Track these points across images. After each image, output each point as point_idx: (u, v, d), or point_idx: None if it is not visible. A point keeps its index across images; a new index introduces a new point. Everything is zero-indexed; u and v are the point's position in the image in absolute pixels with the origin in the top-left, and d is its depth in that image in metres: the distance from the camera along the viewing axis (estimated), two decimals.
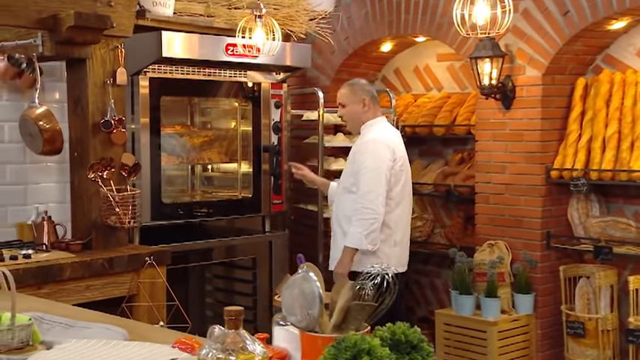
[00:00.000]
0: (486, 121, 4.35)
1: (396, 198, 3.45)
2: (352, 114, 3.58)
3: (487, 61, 4.06)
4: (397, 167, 3.44)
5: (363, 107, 3.52)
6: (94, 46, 3.47)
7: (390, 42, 5.15)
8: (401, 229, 3.48)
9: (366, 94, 3.53)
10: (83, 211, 3.58)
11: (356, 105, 3.55)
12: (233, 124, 4.55)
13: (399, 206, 3.47)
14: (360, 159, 3.42)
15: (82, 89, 3.52)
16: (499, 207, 4.29)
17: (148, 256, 3.46)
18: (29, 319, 1.80)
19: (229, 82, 4.30)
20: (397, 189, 3.45)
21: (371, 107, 3.54)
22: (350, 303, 1.36)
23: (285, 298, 1.43)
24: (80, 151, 3.57)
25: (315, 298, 1.39)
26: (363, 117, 3.56)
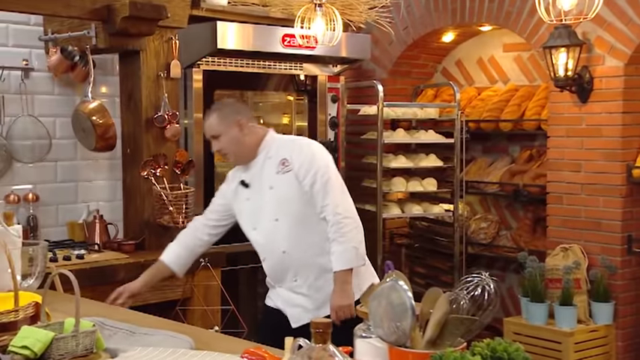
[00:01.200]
0: (560, 116, 4.21)
1: None
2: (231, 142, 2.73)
3: (563, 51, 3.92)
4: None
5: (241, 130, 2.70)
6: (148, 37, 3.48)
7: (453, 32, 5.04)
8: None
9: (238, 114, 2.72)
10: (135, 210, 3.59)
11: (231, 129, 2.70)
12: (287, 119, 4.52)
13: None
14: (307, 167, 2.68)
15: (135, 83, 3.53)
16: (574, 208, 4.14)
17: (202, 258, 3.42)
18: (93, 325, 1.78)
19: (284, 75, 4.26)
20: None
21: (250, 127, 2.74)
22: (447, 316, 1.29)
23: (372, 308, 1.36)
24: (133, 148, 3.57)
25: (406, 309, 1.32)
26: (245, 140, 2.73)
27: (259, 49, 3.93)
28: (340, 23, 3.57)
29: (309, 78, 4.34)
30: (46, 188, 3.67)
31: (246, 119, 2.73)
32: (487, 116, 4.79)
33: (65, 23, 3.48)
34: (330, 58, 4.33)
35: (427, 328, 1.32)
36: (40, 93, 3.66)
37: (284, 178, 2.69)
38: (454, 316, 1.29)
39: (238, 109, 2.78)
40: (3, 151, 3.50)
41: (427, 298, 1.39)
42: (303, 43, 3.81)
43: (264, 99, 4.55)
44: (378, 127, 4.45)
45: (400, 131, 4.65)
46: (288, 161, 2.68)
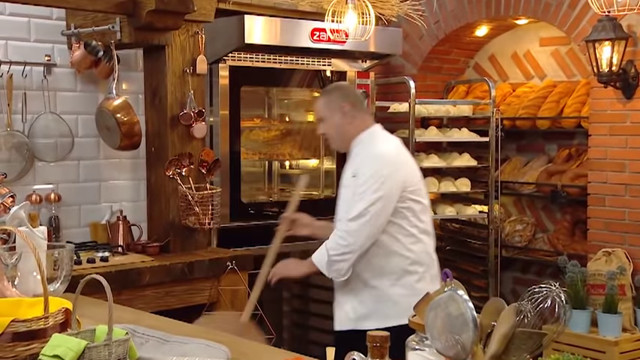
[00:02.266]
0: (602, 113, 4.12)
1: (420, 223, 2.71)
2: (332, 127, 2.76)
3: (607, 45, 3.84)
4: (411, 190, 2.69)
5: (344, 117, 2.71)
6: (174, 32, 3.44)
7: (487, 25, 4.96)
8: (431, 258, 2.77)
9: (344, 100, 2.72)
10: (160, 211, 3.56)
11: (335, 113, 2.73)
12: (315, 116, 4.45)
13: (423, 234, 2.72)
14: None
15: (161, 79, 3.50)
16: (617, 210, 4.06)
17: (229, 261, 3.42)
18: (126, 333, 1.74)
19: (312, 70, 4.21)
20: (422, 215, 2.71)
21: (359, 118, 2.73)
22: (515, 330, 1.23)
23: (429, 320, 1.30)
24: (158, 146, 3.54)
25: (466, 322, 1.26)
26: (346, 129, 2.74)
27: (287, 43, 3.89)
28: (373, 16, 3.52)
29: (337, 74, 4.28)
30: (69, 188, 3.66)
31: (351, 106, 2.70)
32: (523, 113, 4.71)
33: (89, 17, 3.46)
34: (360, 53, 4.28)
35: (491, 342, 1.26)
36: (63, 90, 3.65)
37: (352, 182, 2.68)
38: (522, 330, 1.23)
39: (346, 94, 2.75)
40: (25, 150, 3.48)
41: (487, 309, 1.34)
42: (334, 37, 3.75)
43: (291, 95, 4.50)
44: (409, 125, 4.39)
45: (432, 129, 4.58)
46: (358, 171, 2.66)
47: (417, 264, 2.70)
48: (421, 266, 2.72)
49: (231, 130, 3.88)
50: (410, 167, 2.75)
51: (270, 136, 4.39)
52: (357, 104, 2.75)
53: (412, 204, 2.68)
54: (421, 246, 2.72)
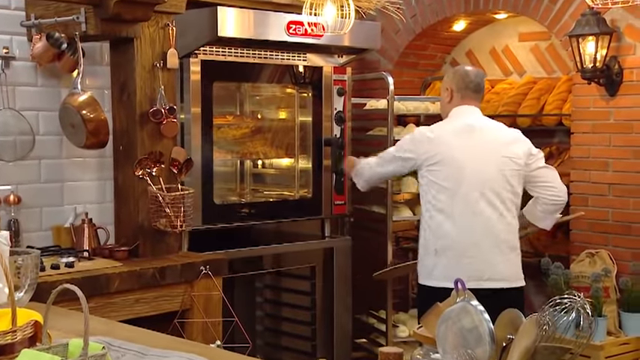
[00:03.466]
0: (585, 110, 4.12)
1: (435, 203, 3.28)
2: (441, 102, 3.54)
3: (591, 40, 3.83)
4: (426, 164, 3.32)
5: (447, 97, 3.45)
6: (143, 24, 3.36)
7: (464, 20, 4.94)
8: (447, 236, 3.25)
9: (452, 83, 3.43)
10: (128, 213, 3.47)
11: (443, 93, 3.50)
12: (290, 113, 4.40)
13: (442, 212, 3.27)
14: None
15: (129, 74, 3.41)
16: (601, 210, 4.06)
17: (202, 265, 3.34)
18: (102, 347, 1.65)
19: (287, 65, 4.14)
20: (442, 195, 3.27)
21: (456, 99, 3.42)
22: (537, 344, 1.17)
23: (440, 333, 1.24)
24: (126, 145, 3.45)
25: (482, 336, 1.20)
26: (445, 109, 3.48)
27: (262, 37, 3.81)
28: (353, 9, 3.45)
29: (312, 69, 4.22)
30: (29, 189, 3.54)
31: (456, 90, 3.41)
32: (503, 111, 4.70)
33: (51, 7, 3.34)
34: (337, 47, 4.22)
35: (510, 356, 1.21)
36: (23, 84, 3.52)
37: None
38: (545, 344, 1.17)
39: (456, 79, 3.43)
40: None
41: (501, 320, 1.28)
42: (311, 31, 3.69)
43: (264, 91, 4.42)
44: (387, 123, 4.34)
45: (412, 127, 4.53)
46: None
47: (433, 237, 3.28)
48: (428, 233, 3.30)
49: (203, 128, 3.79)
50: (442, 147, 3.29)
51: (243, 134, 4.32)
52: (461, 89, 3.41)
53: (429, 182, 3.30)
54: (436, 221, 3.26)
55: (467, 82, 3.41)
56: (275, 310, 4.59)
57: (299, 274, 4.39)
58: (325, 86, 4.26)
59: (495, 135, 3.36)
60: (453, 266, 3.19)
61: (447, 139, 3.29)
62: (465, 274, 3.11)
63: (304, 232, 4.46)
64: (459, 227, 3.21)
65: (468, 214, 3.23)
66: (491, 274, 3.24)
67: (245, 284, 4.51)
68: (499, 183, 3.27)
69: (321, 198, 4.29)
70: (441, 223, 3.24)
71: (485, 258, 3.23)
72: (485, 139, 3.33)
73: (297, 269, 4.36)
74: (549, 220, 3.50)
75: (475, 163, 3.24)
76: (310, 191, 4.31)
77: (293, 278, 4.45)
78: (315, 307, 4.36)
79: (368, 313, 4.68)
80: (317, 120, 4.28)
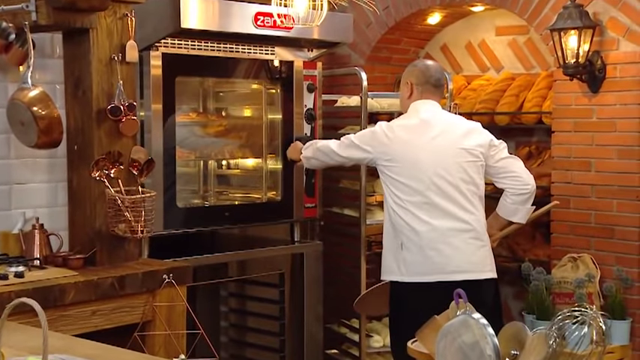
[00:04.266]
0: (567, 108, 4.14)
1: (395, 199, 3.43)
2: (400, 97, 3.67)
3: (573, 34, 3.85)
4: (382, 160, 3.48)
5: (407, 92, 3.59)
6: (99, 13, 3.27)
7: (440, 12, 4.94)
8: (409, 230, 3.40)
9: (412, 77, 3.57)
10: (84, 218, 3.39)
11: (402, 87, 3.61)
12: (257, 111, 4.34)
13: (401, 208, 3.42)
14: None
15: (84, 67, 3.32)
16: (583, 212, 4.08)
17: (165, 274, 3.28)
18: None
19: (255, 60, 4.08)
20: (394, 187, 3.44)
21: (416, 93, 3.57)
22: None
23: (440, 349, 1.20)
24: (81, 144, 3.37)
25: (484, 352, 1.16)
26: (405, 104, 3.61)
27: (229, 29, 3.75)
28: (326, 1, 3.41)
29: (281, 64, 4.16)
30: None
31: (416, 84, 3.54)
32: (480, 108, 4.70)
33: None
34: (306, 41, 4.17)
35: None
36: None
37: None
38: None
39: (415, 73, 3.57)
40: None
41: (504, 334, 1.24)
42: (281, 23, 3.64)
43: (230, 87, 4.36)
44: (360, 121, 4.31)
45: None
46: None
47: (394, 231, 3.45)
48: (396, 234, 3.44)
49: (165, 126, 3.71)
50: (398, 146, 3.43)
51: (208, 133, 4.25)
52: (422, 85, 3.54)
53: (387, 177, 3.45)
54: (397, 216, 3.41)
55: (427, 76, 3.51)
56: (241, 321, 4.53)
57: (267, 281, 4.33)
58: (296, 82, 4.21)
59: (452, 128, 3.48)
60: (418, 261, 3.35)
61: (403, 137, 3.43)
62: (429, 268, 3.34)
63: (272, 236, 4.41)
64: (420, 221, 3.35)
65: (428, 208, 3.36)
66: (456, 265, 3.35)
67: (208, 293, 4.44)
68: (457, 175, 3.39)
69: (291, 201, 4.23)
70: (402, 217, 3.39)
71: (449, 250, 3.34)
72: (441, 133, 3.44)
73: (264, 276, 4.31)
74: (521, 212, 3.58)
75: (430, 157, 3.37)
76: (279, 194, 4.25)
77: (260, 286, 4.40)
78: (284, 317, 4.31)
79: (340, 322, 4.64)
80: (287, 118, 4.23)
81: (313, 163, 3.79)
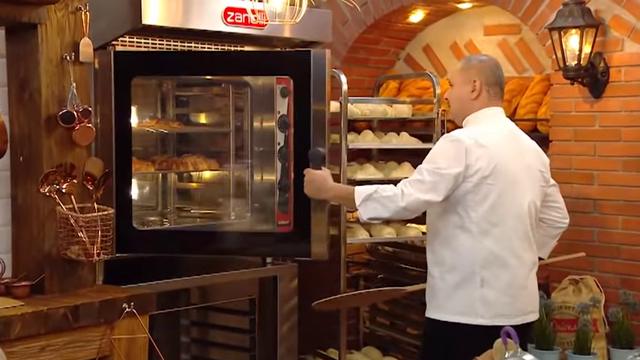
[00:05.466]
0: (566, 115, 4.14)
1: (482, 222, 3.09)
2: (457, 99, 3.25)
3: (574, 33, 3.85)
4: (477, 177, 3.08)
5: (472, 92, 3.20)
6: (49, 7, 3.21)
7: (423, 9, 4.94)
8: (499, 264, 3.12)
9: (480, 75, 3.19)
10: (31, 239, 3.31)
11: (462, 87, 3.21)
12: (225, 117, 4.28)
13: (487, 235, 3.10)
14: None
15: (32, 68, 3.26)
16: (585, 230, 4.07)
17: (126, 302, 3.21)
18: None
19: None
20: (482, 209, 3.09)
21: (484, 96, 3.20)
22: None
23: None
24: (28, 155, 3.29)
25: None
26: (468, 106, 3.22)
27: (195, 25, 3.69)
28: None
29: None
30: None
31: (485, 84, 3.18)
32: None
33: None
34: (280, 40, 4.11)
35: None
36: None
37: None
38: None
39: (485, 70, 3.20)
40: None
41: None
42: (255, 19, 3.57)
43: (196, 91, 4.30)
44: (339, 129, 4.25)
45: (368, 133, 4.48)
46: None
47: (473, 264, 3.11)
48: (475, 267, 3.11)
49: (118, 134, 3.64)
50: (496, 157, 3.08)
51: (170, 142, 4.22)
52: (491, 85, 3.21)
53: (476, 197, 3.10)
54: (482, 246, 3.09)
55: (497, 76, 3.22)
56: (204, 352, 4.46)
57: (235, 308, 4.28)
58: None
59: (530, 145, 3.28)
60: (503, 301, 3.11)
61: (499, 146, 3.11)
62: (516, 308, 3.13)
63: (242, 258, 4.31)
64: (513, 253, 3.11)
65: (520, 239, 3.14)
66: (533, 305, 3.23)
67: (166, 321, 4.33)
68: (540, 200, 3.23)
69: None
70: (489, 247, 3.09)
71: (532, 288, 3.21)
72: (527, 150, 3.23)
73: (233, 303, 4.26)
74: (549, 246, 3.50)
75: (525, 178, 3.14)
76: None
77: (227, 313, 4.34)
78: (255, 347, 4.26)
79: (316, 352, 4.59)
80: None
81: (388, 217, 3.23)
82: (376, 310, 4.95)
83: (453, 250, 3.11)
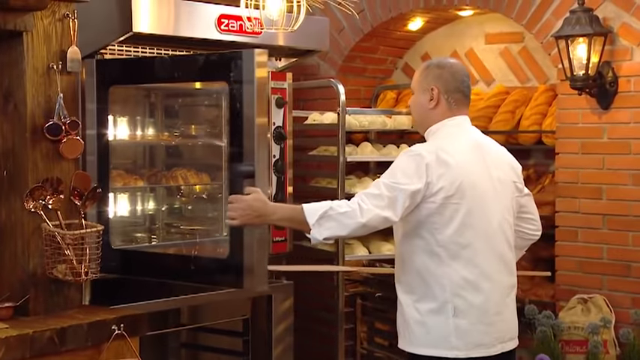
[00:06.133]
0: (573, 126, 4.15)
1: (450, 245, 2.90)
2: (416, 108, 3.09)
3: (582, 42, 3.86)
4: (440, 197, 2.88)
5: (430, 100, 3.00)
6: (36, 14, 3.17)
7: (422, 17, 4.95)
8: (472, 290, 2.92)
9: (438, 82, 2.99)
10: (14, 258, 3.25)
11: (421, 95, 3.03)
12: (217, 129, 4.23)
13: (457, 258, 2.89)
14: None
15: (16, 77, 3.21)
16: (593, 246, 4.08)
17: (115, 324, 3.15)
18: None
19: None
20: (448, 231, 2.89)
21: (444, 105, 2.99)
22: None
23: None
24: (12, 169, 3.24)
25: None
26: (428, 115, 3.03)
27: (187, 33, 3.70)
28: (304, 1, 3.35)
29: None
30: None
31: (443, 91, 2.99)
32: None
33: None
34: (275, 48, 4.13)
35: None
36: None
37: None
38: None
39: (444, 77, 3.01)
40: None
41: None
42: (250, 27, 3.55)
43: (187, 102, 4.29)
44: (336, 141, 4.26)
45: (367, 146, 4.48)
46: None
47: (445, 291, 2.92)
48: (446, 295, 2.92)
49: (100, 146, 3.67)
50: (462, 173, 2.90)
51: (159, 155, 4.20)
52: (452, 91, 3.01)
53: (443, 218, 2.91)
54: (452, 270, 2.91)
55: (458, 81, 3.02)
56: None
57: (227, 328, 4.24)
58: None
59: (500, 155, 3.07)
60: (479, 330, 2.91)
61: (464, 162, 2.91)
62: (493, 337, 2.93)
63: None
64: (485, 277, 2.91)
65: (493, 260, 2.95)
66: (512, 331, 3.02)
67: (156, 344, 4.30)
68: (512, 216, 3.03)
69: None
70: (458, 270, 2.90)
71: (508, 313, 2.99)
72: (496, 162, 3.01)
73: (225, 323, 4.23)
74: (518, 257, 3.22)
75: (494, 194, 2.96)
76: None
77: (219, 334, 4.30)
78: None
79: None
80: None
81: (342, 236, 3.10)
82: (374, 330, 4.92)
83: (422, 277, 2.92)
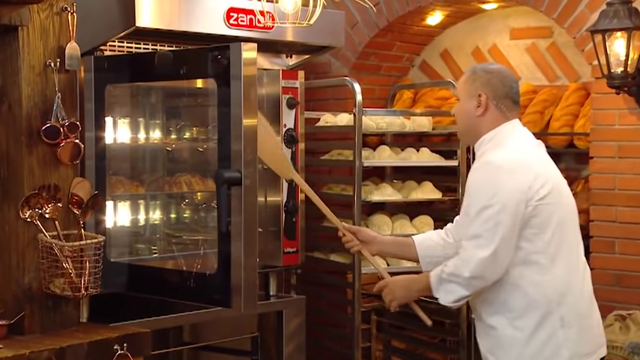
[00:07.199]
0: (609, 128, 4.13)
1: (549, 249, 2.92)
2: (462, 115, 3.11)
3: (620, 37, 3.84)
4: (535, 200, 2.90)
5: (477, 107, 3.02)
6: (31, 7, 3.19)
7: (441, 11, 4.94)
8: (573, 297, 2.96)
9: (486, 88, 3.02)
10: (8, 272, 3.28)
11: (468, 101, 3.06)
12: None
13: (555, 262, 2.92)
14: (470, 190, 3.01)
15: (11, 76, 3.26)
16: (632, 259, 4.07)
17: (118, 343, 3.16)
18: None
19: None
20: (547, 234, 2.91)
21: (494, 111, 3.02)
22: None
23: None
24: (6, 175, 3.27)
25: None
26: (474, 123, 3.06)
27: (193, 28, 3.70)
28: None
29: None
30: None
31: (492, 97, 3.01)
32: None
33: None
34: (287, 44, 4.14)
35: None
36: None
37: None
38: None
39: (492, 82, 3.03)
40: None
41: None
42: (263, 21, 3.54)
43: (191, 102, 4.29)
44: (354, 144, 4.24)
45: (385, 149, 4.48)
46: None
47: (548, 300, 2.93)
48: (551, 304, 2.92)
49: (98, 149, 3.67)
50: (547, 174, 2.96)
51: (161, 160, 4.21)
52: (502, 97, 3.04)
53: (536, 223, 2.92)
54: (552, 276, 2.92)
55: (507, 87, 3.04)
56: None
57: (236, 347, 4.23)
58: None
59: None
60: (583, 338, 2.95)
61: (542, 161, 3.01)
62: (594, 343, 3.01)
63: None
64: (580, 277, 2.98)
65: (580, 264, 3.02)
66: (603, 336, 3.11)
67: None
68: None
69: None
70: (561, 276, 2.92)
71: (596, 315, 3.07)
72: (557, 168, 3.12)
73: (233, 341, 4.21)
74: None
75: (570, 198, 3.02)
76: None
77: (226, 354, 4.28)
78: None
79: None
80: None
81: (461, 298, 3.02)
82: (391, 349, 4.91)
83: (522, 291, 2.91)
